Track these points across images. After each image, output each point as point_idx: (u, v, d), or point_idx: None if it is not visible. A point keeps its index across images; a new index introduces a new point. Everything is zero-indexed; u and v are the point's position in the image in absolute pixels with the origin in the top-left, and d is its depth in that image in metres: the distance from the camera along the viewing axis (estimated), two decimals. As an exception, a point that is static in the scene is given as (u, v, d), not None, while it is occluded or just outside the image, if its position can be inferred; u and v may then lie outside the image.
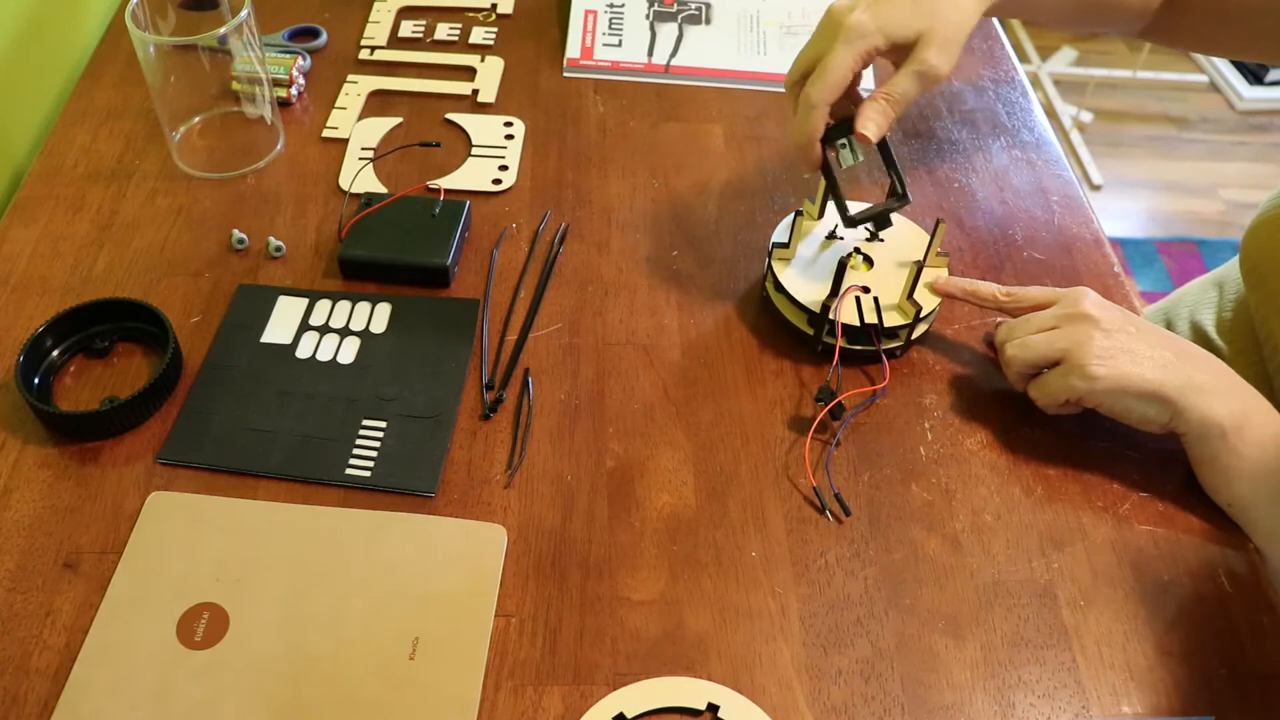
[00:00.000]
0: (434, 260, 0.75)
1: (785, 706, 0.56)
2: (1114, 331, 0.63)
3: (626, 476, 0.65)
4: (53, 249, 0.77)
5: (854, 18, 0.66)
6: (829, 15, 0.69)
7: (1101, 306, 0.65)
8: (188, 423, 0.67)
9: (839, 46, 0.66)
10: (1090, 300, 0.65)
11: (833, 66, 0.66)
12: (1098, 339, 0.63)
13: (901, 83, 0.68)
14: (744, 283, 0.78)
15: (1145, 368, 0.62)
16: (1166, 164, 2.36)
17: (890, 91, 0.68)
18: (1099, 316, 0.64)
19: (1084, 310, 0.64)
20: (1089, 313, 0.64)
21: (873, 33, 0.66)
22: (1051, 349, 0.64)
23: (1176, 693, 0.57)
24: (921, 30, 0.67)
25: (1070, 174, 0.88)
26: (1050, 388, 0.65)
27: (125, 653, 0.56)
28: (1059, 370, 0.64)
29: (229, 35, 0.78)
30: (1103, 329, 0.63)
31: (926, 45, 0.67)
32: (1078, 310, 0.65)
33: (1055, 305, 0.67)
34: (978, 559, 0.63)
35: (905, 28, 0.67)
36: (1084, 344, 0.63)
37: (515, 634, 0.58)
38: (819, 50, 0.68)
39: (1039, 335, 0.65)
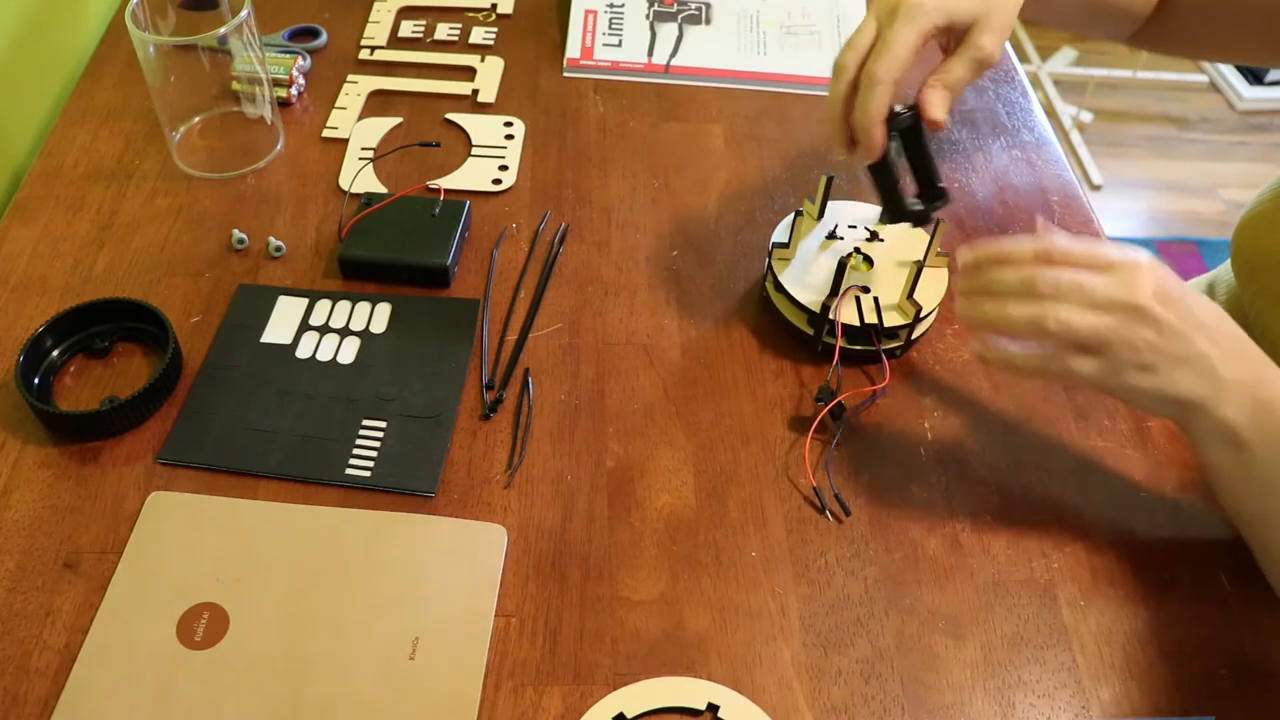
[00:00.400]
0: (434, 260, 0.75)
1: (785, 706, 0.56)
2: (1170, 334, 0.55)
3: (626, 476, 0.65)
4: (53, 249, 0.77)
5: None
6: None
7: (1164, 299, 0.55)
8: (188, 423, 0.67)
9: (901, 23, 0.63)
10: (1152, 285, 0.55)
11: (897, 41, 0.63)
12: (1149, 340, 0.55)
13: (958, 69, 0.65)
14: (744, 283, 0.78)
15: (1182, 376, 0.55)
16: (1166, 164, 2.36)
17: (948, 79, 0.65)
18: (1159, 314, 0.55)
19: (1145, 304, 0.55)
20: (1147, 307, 0.55)
21: (933, 10, 0.63)
22: (1094, 336, 0.55)
23: (1176, 693, 0.57)
24: (978, 14, 0.65)
25: (1070, 174, 0.88)
26: (1053, 370, 0.58)
27: (125, 653, 0.56)
28: (1086, 360, 0.56)
29: (229, 35, 0.78)
30: (1160, 329, 0.55)
31: (983, 30, 0.65)
32: (1135, 300, 0.55)
33: (1110, 274, 0.56)
34: (978, 559, 0.63)
35: (965, 9, 0.64)
36: (1133, 346, 0.55)
37: (515, 634, 0.58)
38: (876, 29, 0.65)
39: (1086, 316, 0.55)
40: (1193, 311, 0.56)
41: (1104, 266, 0.56)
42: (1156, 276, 0.56)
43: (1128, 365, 0.56)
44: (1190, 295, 0.57)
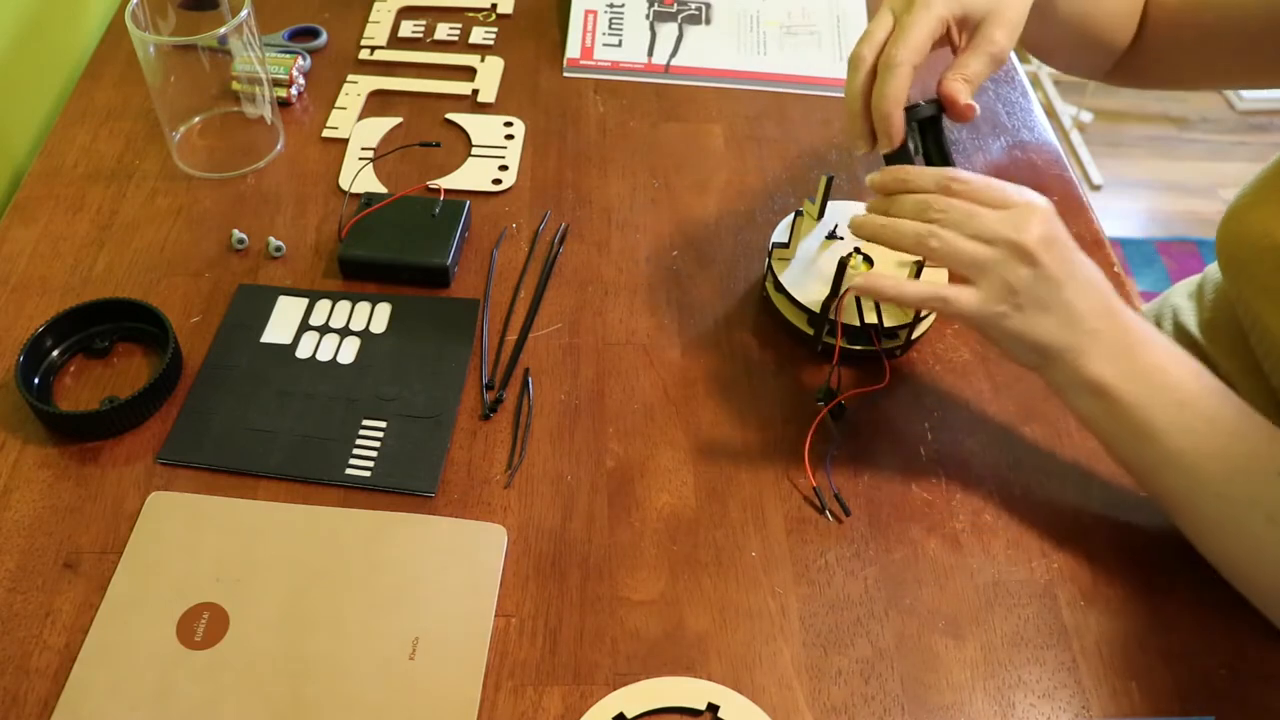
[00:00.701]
0: (434, 260, 0.75)
1: (785, 706, 0.56)
2: (1044, 278, 0.57)
3: (626, 476, 0.65)
4: (53, 249, 0.77)
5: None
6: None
7: (1047, 243, 0.57)
8: (188, 423, 0.67)
9: (919, 9, 0.63)
10: (1040, 229, 0.57)
11: (915, 25, 0.62)
12: (1023, 278, 0.57)
13: (974, 63, 0.65)
14: (744, 283, 0.78)
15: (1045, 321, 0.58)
16: (1166, 164, 2.36)
17: (966, 73, 0.65)
18: (1039, 256, 0.57)
19: (1028, 244, 0.57)
20: (1029, 246, 0.57)
21: (954, 3, 0.63)
22: (973, 264, 0.58)
23: (1176, 693, 0.57)
24: (991, 8, 0.64)
25: (1070, 174, 0.88)
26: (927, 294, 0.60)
27: (125, 653, 0.56)
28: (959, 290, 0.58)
29: (229, 35, 0.78)
30: (1036, 271, 0.57)
31: (996, 24, 0.65)
32: (1019, 238, 0.57)
33: (1004, 213, 0.58)
34: (978, 559, 0.63)
35: (979, 1, 0.64)
36: (1006, 282, 0.57)
37: (515, 634, 0.58)
38: (892, 19, 0.64)
39: (969, 243, 0.58)
40: (1072, 262, 0.58)
41: (999, 203, 0.59)
42: (1046, 222, 0.58)
43: (998, 300, 0.58)
44: (1075, 249, 0.59)
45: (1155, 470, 0.59)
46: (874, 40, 0.65)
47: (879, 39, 0.65)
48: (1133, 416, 0.58)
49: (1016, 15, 0.66)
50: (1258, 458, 0.57)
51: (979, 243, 0.58)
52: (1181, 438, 0.57)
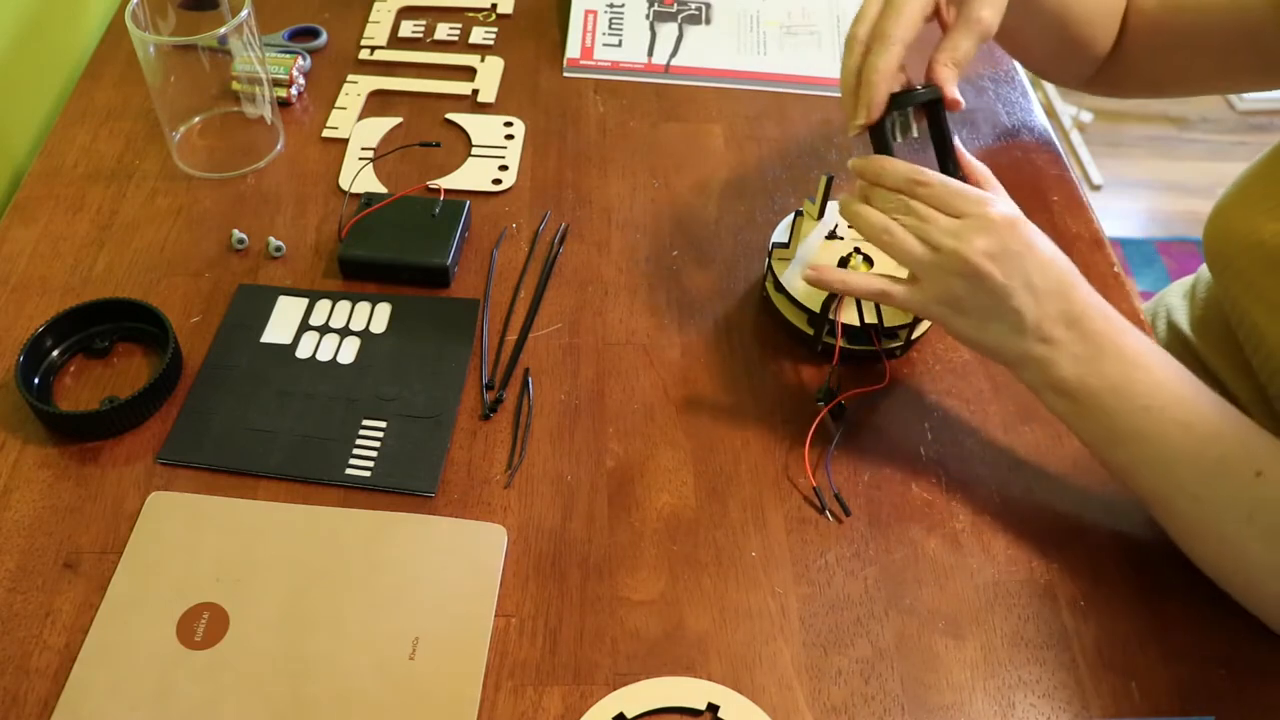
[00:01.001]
0: (434, 260, 0.75)
1: (785, 706, 0.56)
2: (989, 289, 0.58)
3: (626, 476, 0.65)
4: (53, 249, 0.77)
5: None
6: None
7: (992, 255, 0.58)
8: (188, 423, 0.67)
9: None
10: (985, 243, 0.58)
11: (906, 2, 0.62)
12: (962, 289, 0.59)
13: (961, 43, 0.64)
14: (744, 283, 0.78)
15: (993, 329, 0.59)
16: (1166, 164, 2.36)
17: (955, 55, 0.65)
18: (981, 268, 0.58)
19: (969, 256, 0.58)
20: (974, 262, 0.58)
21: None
22: (916, 266, 0.60)
23: (1176, 693, 0.57)
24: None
25: (1070, 174, 0.88)
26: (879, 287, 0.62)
27: (125, 653, 0.56)
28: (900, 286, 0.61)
29: (229, 35, 0.78)
30: (978, 283, 0.58)
31: (982, 2, 0.63)
32: (960, 250, 0.58)
33: (955, 222, 0.59)
34: (978, 559, 0.63)
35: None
36: (946, 288, 0.59)
37: (515, 634, 0.58)
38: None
39: (915, 247, 0.60)
40: (1025, 272, 0.58)
41: (955, 211, 0.60)
42: (995, 234, 0.58)
43: (936, 302, 0.61)
44: (1031, 258, 0.59)
45: (1130, 471, 0.60)
46: (867, 18, 0.64)
47: (872, 16, 0.64)
48: (1101, 420, 0.59)
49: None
50: (1235, 459, 0.57)
51: (926, 247, 0.60)
52: (1152, 442, 0.58)
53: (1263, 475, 0.56)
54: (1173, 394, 0.58)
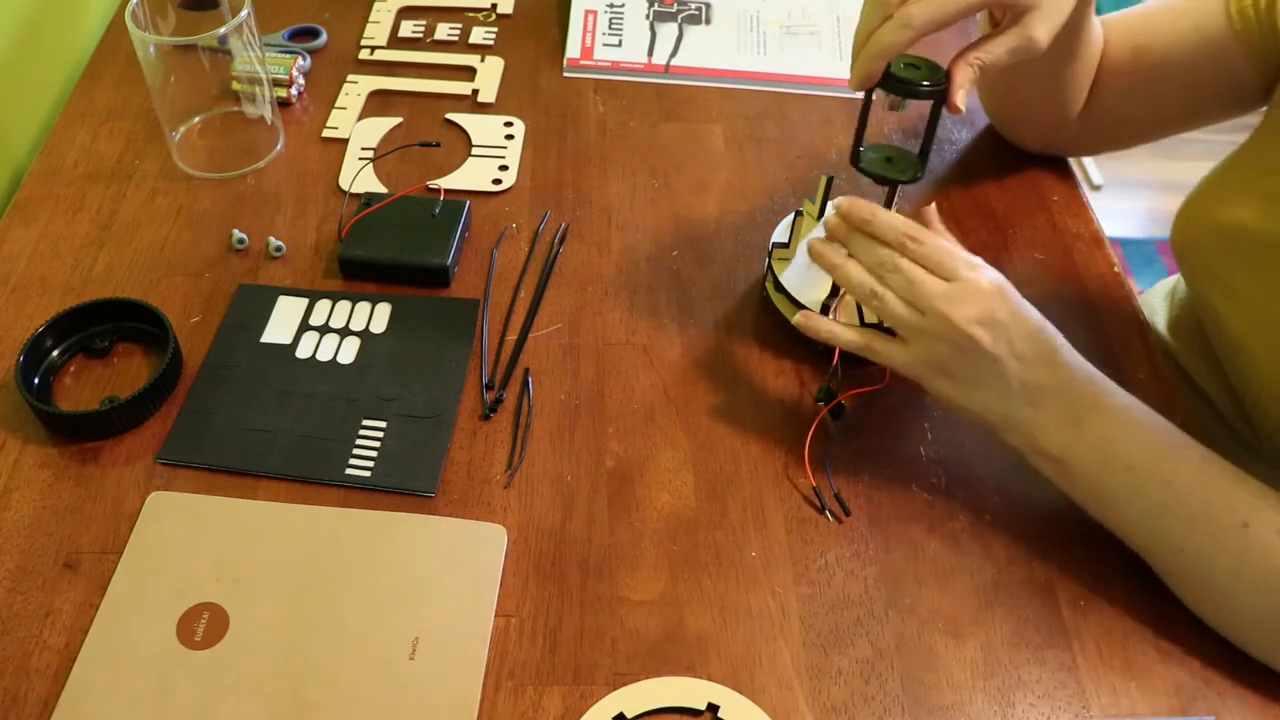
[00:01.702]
0: (434, 260, 0.75)
1: (785, 706, 0.56)
2: (977, 355, 0.58)
3: (626, 476, 0.65)
4: (53, 249, 0.77)
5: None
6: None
7: (983, 322, 0.58)
8: (188, 423, 0.67)
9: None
10: (975, 309, 0.58)
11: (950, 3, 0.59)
12: (949, 354, 0.59)
13: (1000, 51, 0.63)
14: (744, 283, 0.78)
15: (978, 394, 0.60)
16: (1166, 164, 2.36)
17: (984, 57, 0.62)
18: (971, 333, 0.58)
19: (958, 322, 0.58)
20: (963, 329, 0.58)
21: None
22: (905, 329, 0.60)
23: (1176, 693, 0.57)
24: (1042, 2, 0.62)
25: (1070, 174, 0.88)
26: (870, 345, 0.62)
27: (125, 653, 0.56)
28: (888, 344, 0.61)
29: (229, 35, 0.78)
30: (967, 349, 0.58)
31: (1041, 20, 0.62)
32: (950, 315, 0.58)
33: (945, 286, 0.59)
34: (978, 559, 0.63)
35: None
36: (934, 353, 0.59)
37: (515, 634, 0.58)
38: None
39: (903, 310, 0.60)
40: (1010, 340, 0.59)
41: (947, 274, 0.60)
42: (985, 302, 0.59)
43: (923, 364, 0.61)
44: (1020, 325, 0.59)
45: (1120, 529, 0.61)
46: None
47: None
48: (1085, 483, 0.60)
49: (1062, 13, 0.63)
50: (1220, 511, 0.57)
51: (914, 311, 0.60)
52: (1136, 502, 0.59)
53: (1249, 526, 0.56)
54: (1155, 452, 0.59)
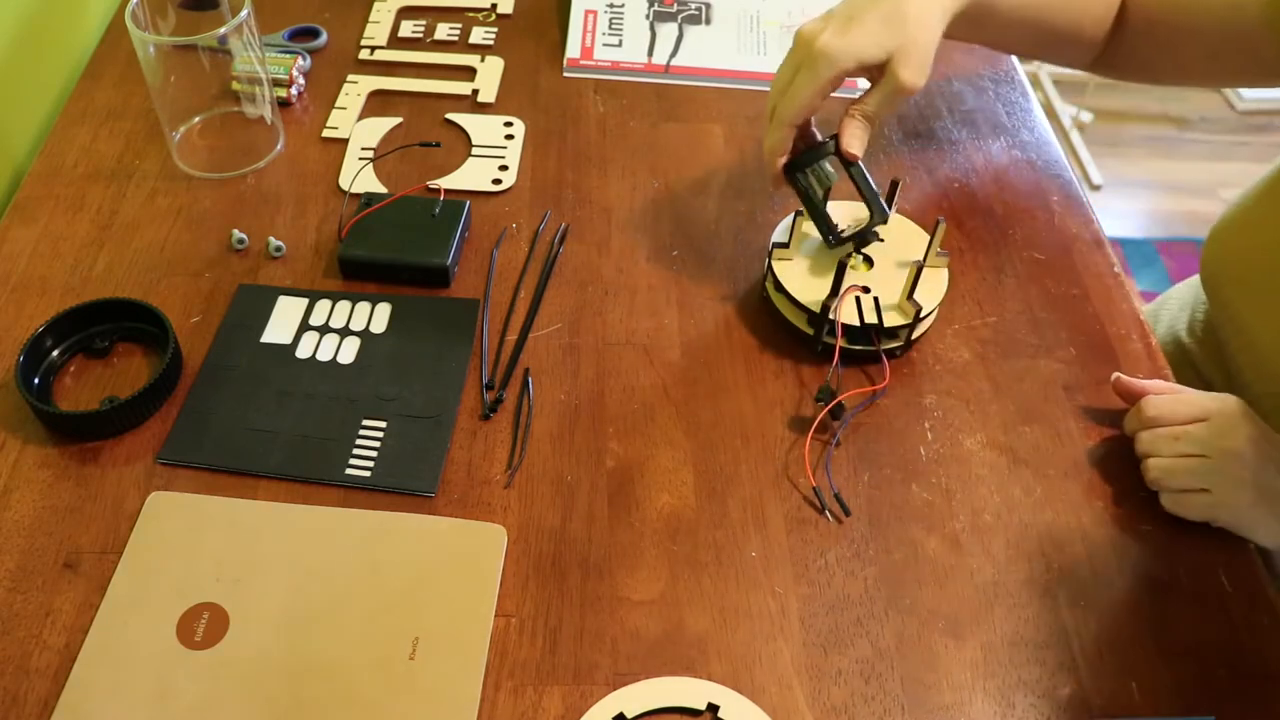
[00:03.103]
0: (434, 260, 0.75)
1: (785, 706, 0.56)
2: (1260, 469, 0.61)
3: (626, 476, 0.65)
4: (53, 249, 0.77)
5: (822, 43, 0.67)
6: (799, 39, 0.69)
7: (1255, 440, 0.62)
8: (188, 423, 0.67)
9: (805, 73, 0.68)
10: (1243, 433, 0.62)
11: (800, 92, 0.68)
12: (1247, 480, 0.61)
13: (875, 101, 0.69)
14: (744, 283, 0.78)
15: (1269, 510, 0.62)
16: (1166, 164, 2.36)
17: (866, 110, 0.69)
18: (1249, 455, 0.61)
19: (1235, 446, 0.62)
20: (1240, 450, 0.61)
21: (841, 59, 0.67)
22: (1199, 481, 0.62)
23: (1176, 693, 0.57)
24: (892, 50, 0.67)
25: (1070, 174, 0.88)
26: (1192, 511, 0.63)
27: (125, 653, 0.56)
28: (1204, 500, 0.62)
29: (229, 35, 0.78)
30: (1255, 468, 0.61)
31: (901, 64, 0.67)
32: (1229, 445, 0.62)
33: (1205, 423, 0.63)
34: (978, 559, 0.63)
35: (875, 49, 0.67)
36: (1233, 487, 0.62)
37: (515, 634, 0.58)
38: (793, 72, 0.69)
39: (1184, 463, 0.63)
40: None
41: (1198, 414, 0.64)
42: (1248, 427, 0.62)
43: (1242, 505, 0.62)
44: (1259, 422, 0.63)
45: None
46: (776, 89, 0.71)
47: (780, 86, 0.70)
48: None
49: (922, 50, 0.68)
50: None
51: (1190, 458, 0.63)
52: None
53: None
54: None
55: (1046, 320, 0.76)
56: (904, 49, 0.67)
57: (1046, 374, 0.72)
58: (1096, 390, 0.71)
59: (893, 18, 0.67)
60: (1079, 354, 0.73)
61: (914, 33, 0.68)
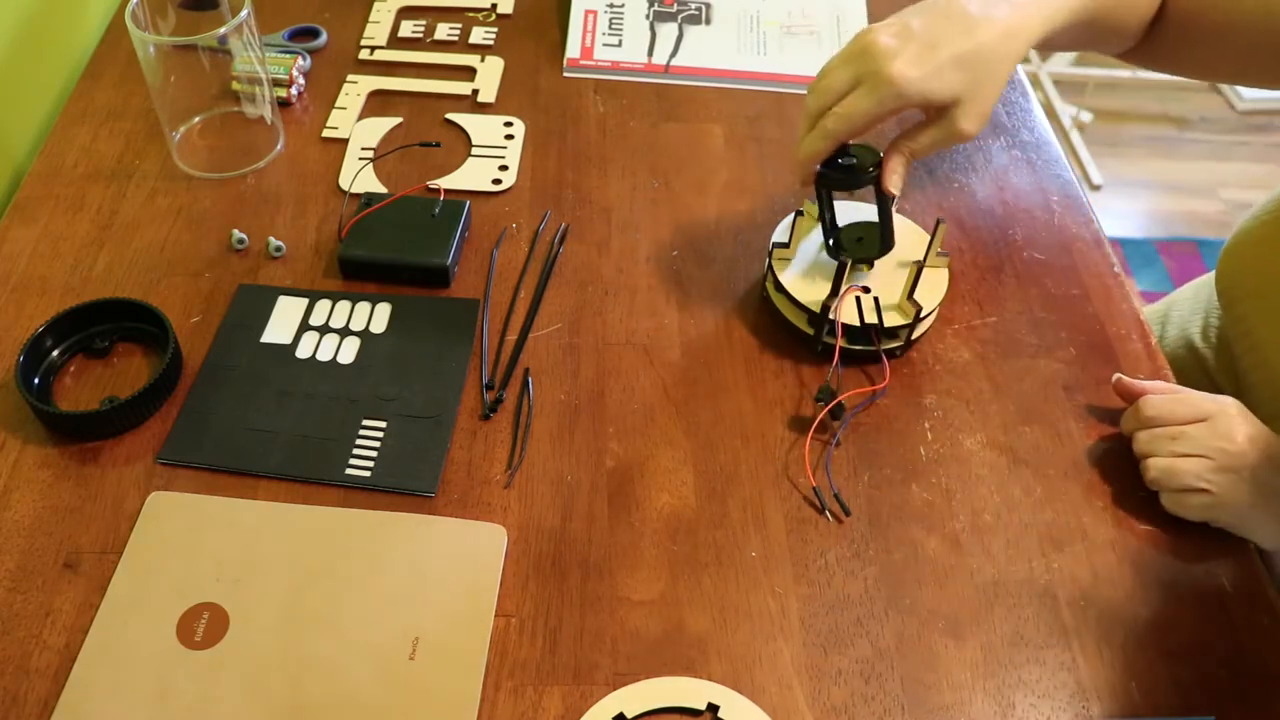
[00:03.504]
0: (434, 260, 0.75)
1: (785, 706, 0.56)
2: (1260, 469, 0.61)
3: (626, 476, 0.65)
4: (53, 249, 0.77)
5: (896, 72, 0.62)
6: (870, 47, 0.64)
7: (1254, 440, 0.62)
8: (188, 423, 0.67)
9: (868, 95, 0.63)
10: (1242, 433, 0.62)
11: (856, 111, 0.64)
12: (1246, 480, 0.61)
13: (927, 142, 0.67)
14: (744, 283, 0.78)
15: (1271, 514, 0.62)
16: (1166, 164, 2.36)
17: (914, 147, 0.67)
18: (1249, 455, 0.61)
19: (1234, 446, 0.62)
20: (1239, 450, 0.62)
21: (910, 95, 0.63)
22: (1199, 481, 0.62)
23: (1176, 693, 0.57)
24: (961, 96, 0.64)
25: (1070, 174, 0.88)
26: (1192, 511, 0.63)
27: (125, 653, 0.56)
28: (1204, 500, 0.62)
29: (229, 35, 0.78)
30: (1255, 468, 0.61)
31: (964, 114, 0.65)
32: (1228, 445, 0.62)
33: (1204, 423, 0.63)
34: (978, 559, 0.63)
35: (945, 92, 0.64)
36: (1232, 487, 0.61)
37: (515, 634, 0.58)
38: (852, 81, 0.64)
39: (1184, 463, 0.62)
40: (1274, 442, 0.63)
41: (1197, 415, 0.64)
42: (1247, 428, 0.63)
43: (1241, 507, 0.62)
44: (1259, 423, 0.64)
45: None
46: (829, 95, 0.66)
47: (831, 98, 0.65)
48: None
49: (988, 101, 0.66)
50: None
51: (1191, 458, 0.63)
52: None
53: None
54: None
55: (1046, 320, 0.76)
56: (972, 98, 0.64)
57: (1046, 374, 0.72)
58: (1096, 390, 0.71)
59: (971, 60, 0.64)
60: (1079, 354, 0.73)
61: (986, 82, 0.65)
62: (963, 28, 0.64)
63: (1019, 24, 0.65)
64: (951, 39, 0.63)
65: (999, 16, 0.65)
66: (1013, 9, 0.65)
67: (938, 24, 0.64)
